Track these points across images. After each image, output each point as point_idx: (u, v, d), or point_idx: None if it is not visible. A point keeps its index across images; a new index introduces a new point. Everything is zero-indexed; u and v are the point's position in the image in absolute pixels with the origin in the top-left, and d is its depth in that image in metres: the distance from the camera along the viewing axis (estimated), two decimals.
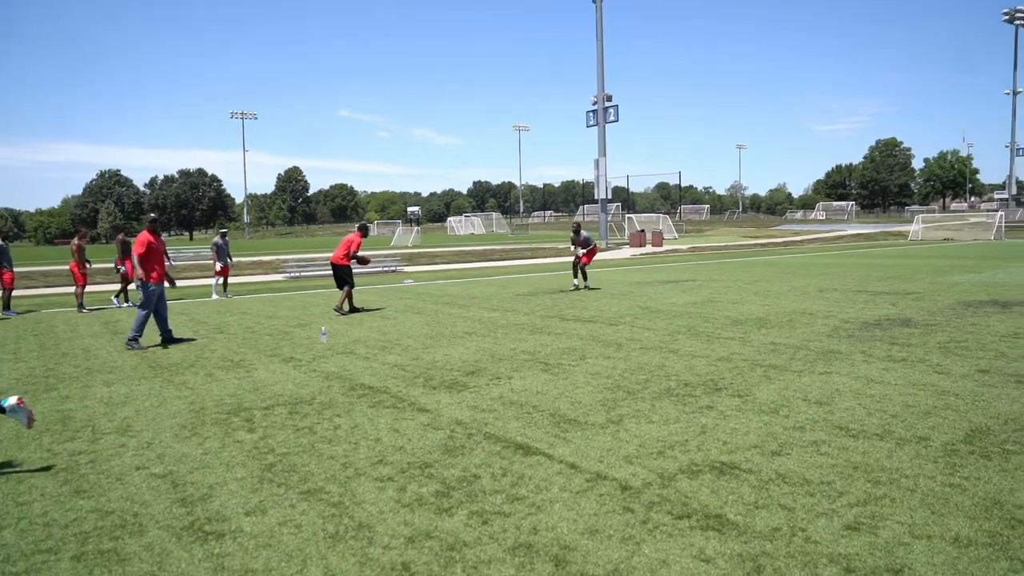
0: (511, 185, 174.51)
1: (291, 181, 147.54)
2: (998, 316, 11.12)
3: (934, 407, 6.04)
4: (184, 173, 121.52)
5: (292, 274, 25.20)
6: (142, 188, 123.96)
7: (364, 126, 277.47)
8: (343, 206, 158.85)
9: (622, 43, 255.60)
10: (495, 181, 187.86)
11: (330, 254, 15.33)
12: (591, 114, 46.62)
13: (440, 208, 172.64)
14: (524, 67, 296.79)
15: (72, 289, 16.42)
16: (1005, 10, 67.81)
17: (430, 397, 6.91)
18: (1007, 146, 73.32)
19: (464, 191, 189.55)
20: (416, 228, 73.64)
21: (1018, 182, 79.61)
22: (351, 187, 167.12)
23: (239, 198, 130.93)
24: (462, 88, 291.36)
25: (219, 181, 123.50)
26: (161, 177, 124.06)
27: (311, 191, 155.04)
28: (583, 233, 17.72)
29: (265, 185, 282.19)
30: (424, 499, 4.36)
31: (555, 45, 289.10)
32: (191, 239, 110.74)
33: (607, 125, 45.62)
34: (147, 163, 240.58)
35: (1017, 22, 67.34)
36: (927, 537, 3.67)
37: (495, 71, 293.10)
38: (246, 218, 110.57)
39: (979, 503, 4.07)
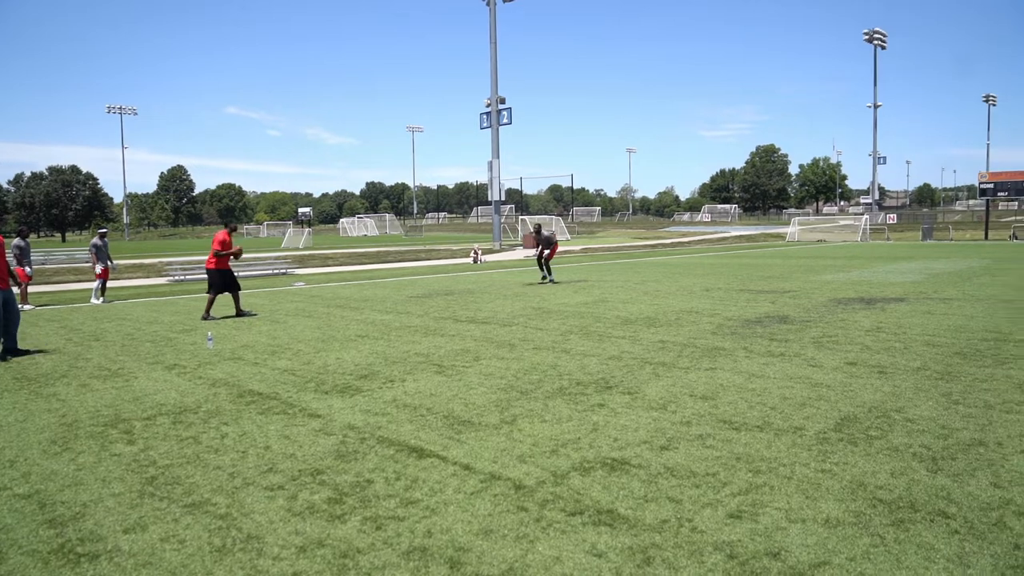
0: (405, 186, 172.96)
1: (175, 180, 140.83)
2: (864, 312, 11.90)
3: (808, 398, 6.41)
4: (55, 170, 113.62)
5: (176, 277, 24.08)
6: (5, 185, 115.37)
7: (253, 124, 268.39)
8: (231, 207, 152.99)
9: (516, 46, 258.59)
10: (389, 182, 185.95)
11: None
12: (485, 116, 46.84)
13: (332, 209, 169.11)
14: (418, 68, 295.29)
15: None
16: (865, 30, 72.73)
17: (322, 402, 6.76)
18: (870, 155, 78.62)
19: (357, 192, 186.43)
20: (307, 230, 71.78)
21: (880, 188, 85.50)
22: (239, 187, 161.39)
23: (118, 197, 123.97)
24: (356, 88, 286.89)
25: (95, 179, 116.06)
26: (28, 174, 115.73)
27: (197, 191, 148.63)
28: (544, 232, 19.63)
29: (147, 184, 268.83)
30: (316, 507, 4.26)
31: (449, 46, 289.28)
32: (63, 240, 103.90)
33: (500, 127, 45.97)
34: (10, 159, 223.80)
35: (876, 41, 72.28)
36: (802, 520, 3.89)
37: (389, 71, 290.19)
38: (126, 219, 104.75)
39: (847, 486, 4.35)
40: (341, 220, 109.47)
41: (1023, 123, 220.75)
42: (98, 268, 17.01)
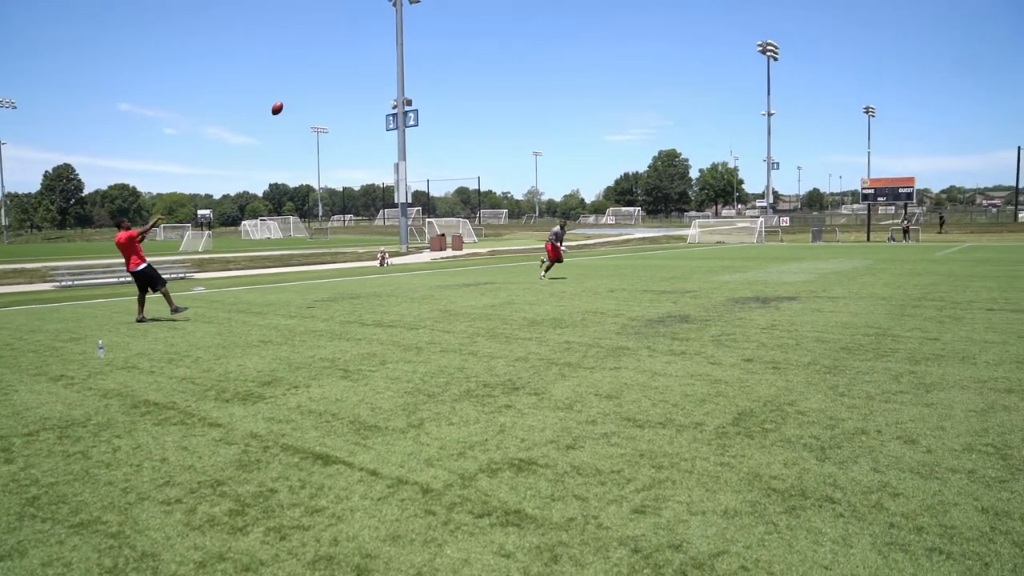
0: (310, 188, 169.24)
1: (61, 180, 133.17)
2: (759, 311, 12.44)
3: (708, 395, 6.64)
4: None
5: (64, 283, 22.75)
6: None
7: (148, 122, 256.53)
8: (124, 208, 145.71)
9: (423, 47, 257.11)
10: (293, 184, 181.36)
11: (114, 259, 14.17)
12: (391, 118, 46.38)
13: (234, 211, 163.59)
14: (322, 68, 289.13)
15: None
16: (759, 42, 76.19)
17: (222, 410, 6.54)
18: (765, 160, 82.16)
19: (260, 194, 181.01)
20: (207, 232, 69.19)
21: (774, 192, 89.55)
22: (134, 188, 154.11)
23: None
24: (258, 87, 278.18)
25: None
26: None
27: (86, 191, 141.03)
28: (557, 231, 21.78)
29: (29, 184, 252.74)
30: (216, 519, 4.12)
31: (355, 46, 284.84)
32: None
33: (407, 129, 45.60)
34: None
35: (768, 53, 75.76)
36: (702, 512, 4.03)
37: (291, 70, 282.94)
38: (4, 221, 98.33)
39: (743, 478, 4.54)
40: (243, 222, 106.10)
41: (901, 133, 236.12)
42: None
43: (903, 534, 3.72)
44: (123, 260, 13.33)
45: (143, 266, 13.01)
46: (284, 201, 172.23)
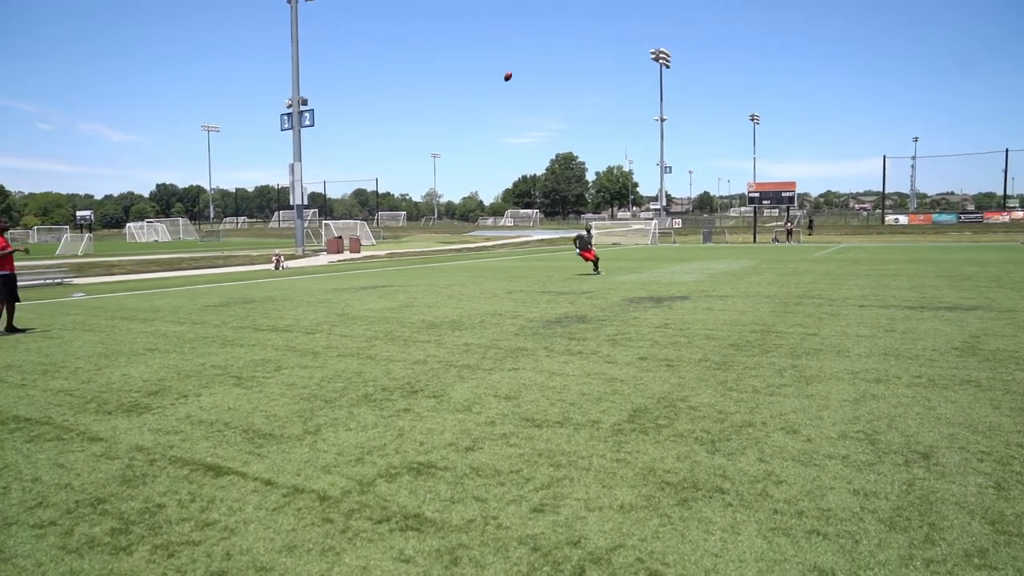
0: (200, 189, 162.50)
1: None
2: (653, 310, 12.83)
3: (604, 393, 6.80)
4: None
5: None
6: None
7: (18, 115, 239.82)
8: None
9: (320, 46, 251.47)
10: (182, 184, 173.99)
11: None
12: (286, 117, 45.17)
13: (118, 213, 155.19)
14: (214, 64, 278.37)
15: None
16: (652, 50, 78.58)
17: (104, 423, 6.19)
18: (658, 164, 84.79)
19: (147, 194, 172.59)
20: (88, 235, 65.34)
21: (667, 195, 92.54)
22: (1, 186, 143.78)
23: None
24: (144, 83, 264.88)
25: None
26: None
27: None
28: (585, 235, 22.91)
29: None
30: (97, 540, 3.90)
31: (249, 43, 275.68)
32: None
33: (303, 129, 44.54)
34: None
35: (661, 60, 78.28)
36: (599, 508, 4.12)
37: (182, 67, 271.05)
38: None
39: (639, 473, 4.67)
40: (128, 224, 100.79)
41: (784, 140, 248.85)
42: None
43: (785, 519, 3.92)
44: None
45: (8, 273, 11.91)
46: (173, 202, 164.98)
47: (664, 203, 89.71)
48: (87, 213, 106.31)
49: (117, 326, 12.54)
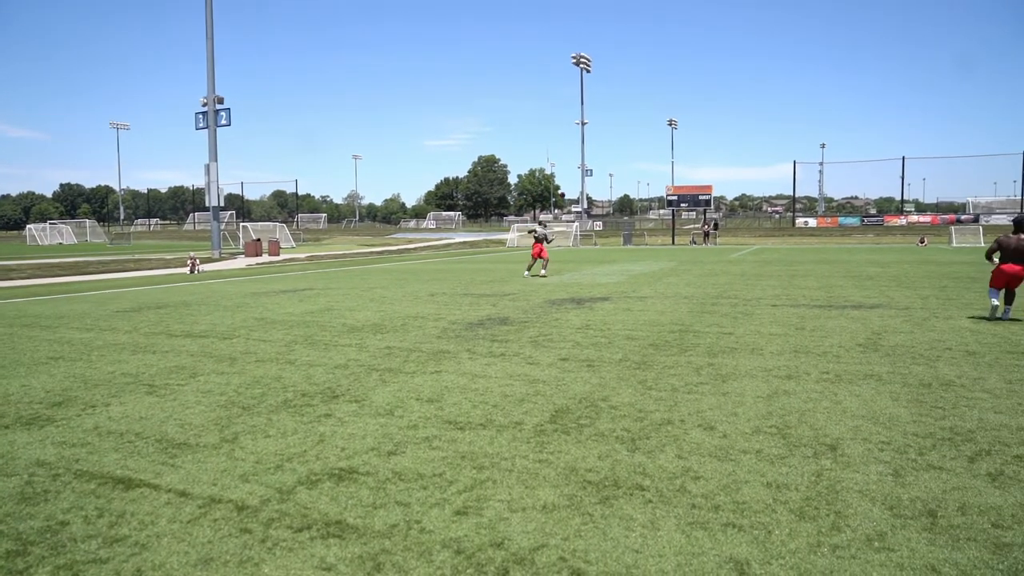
0: (109, 189, 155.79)
1: None
2: (575, 311, 12.99)
3: (527, 394, 6.84)
4: None
5: None
6: None
7: None
8: None
9: (236, 43, 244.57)
10: (89, 184, 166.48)
11: None
12: (201, 116, 43.75)
13: (17, 213, 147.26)
14: (123, 56, 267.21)
15: None
16: (573, 54, 79.52)
17: (1, 438, 5.86)
18: (579, 167, 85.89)
19: (49, 194, 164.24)
20: None
21: (589, 198, 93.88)
22: None
23: None
24: (46, 75, 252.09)
25: None
26: None
27: None
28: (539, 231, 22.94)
29: None
30: None
31: (161, 37, 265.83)
32: None
33: (219, 129, 43.24)
34: None
35: (582, 65, 79.35)
36: (523, 509, 4.15)
37: (87, 57, 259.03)
38: None
39: (561, 473, 4.73)
40: (28, 226, 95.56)
41: (698, 145, 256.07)
42: None
43: (703, 513, 4.04)
44: None
45: None
46: (79, 203, 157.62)
47: (585, 206, 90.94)
48: None
49: (16, 333, 11.89)
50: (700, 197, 55.43)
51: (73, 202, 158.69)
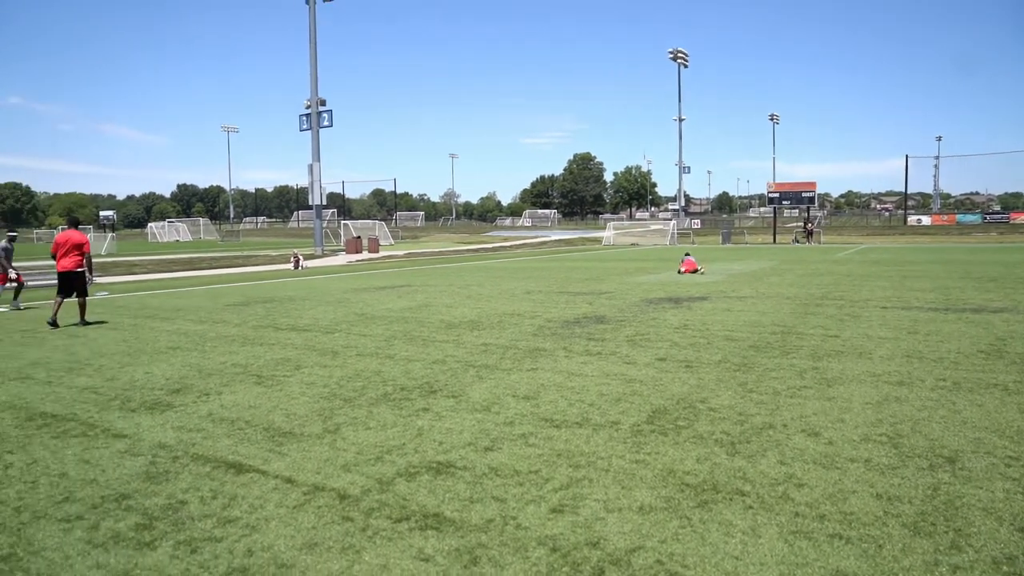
0: (220, 189, 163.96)
1: None
2: (672, 311, 12.77)
3: (623, 394, 6.78)
4: None
5: None
6: None
7: (40, 116, 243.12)
8: (17, 208, 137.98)
9: (338, 47, 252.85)
10: (203, 184, 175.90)
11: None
12: (304, 118, 45.44)
13: (140, 213, 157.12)
14: (233, 65, 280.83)
15: None
16: (669, 49, 77.98)
17: (128, 420, 6.26)
18: (677, 164, 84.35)
19: (168, 195, 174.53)
20: (111, 234, 66.19)
21: (686, 195, 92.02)
22: (27, 187, 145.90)
23: None
24: (164, 83, 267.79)
25: None
26: None
27: None
28: None
29: None
30: (122, 535, 3.94)
31: (267, 42, 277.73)
32: None
33: (321, 130, 44.79)
34: None
35: (679, 60, 77.72)
36: (619, 510, 4.11)
37: (202, 68, 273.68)
38: None
39: (658, 474, 4.65)
40: (150, 224, 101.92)
41: (801, 139, 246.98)
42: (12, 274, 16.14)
43: (807, 522, 3.89)
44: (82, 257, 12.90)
45: (79, 271, 12.87)
46: (193, 203, 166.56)
47: (683, 203, 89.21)
48: (110, 213, 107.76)
49: (140, 324, 12.68)
50: (803, 194, 53.52)
51: (188, 201, 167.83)
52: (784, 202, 55.86)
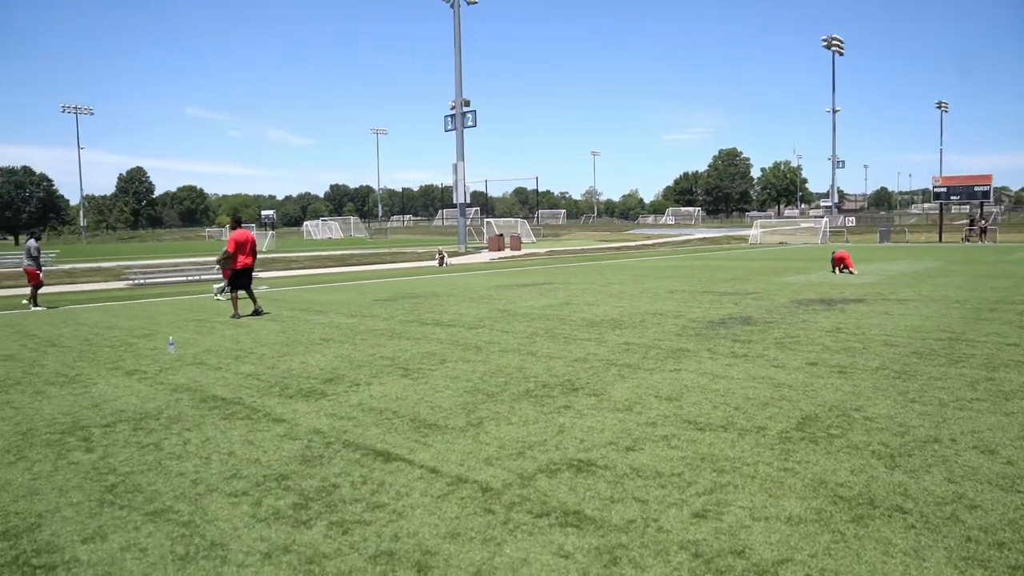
0: (369, 189, 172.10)
1: (134, 182, 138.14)
2: (824, 313, 12.12)
3: (771, 398, 6.50)
4: (6, 171, 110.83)
5: (136, 281, 23.62)
6: None
7: (213, 125, 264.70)
8: (192, 209, 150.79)
9: (481, 48, 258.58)
10: (353, 185, 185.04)
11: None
12: (449, 119, 46.79)
13: (296, 212, 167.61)
14: (381, 69, 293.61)
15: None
16: (823, 37, 73.84)
17: (286, 406, 6.69)
18: (830, 158, 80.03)
19: (321, 195, 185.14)
20: (271, 232, 71.04)
21: (839, 191, 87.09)
22: (201, 189, 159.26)
23: (74, 199, 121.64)
24: (318, 89, 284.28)
25: (49, 181, 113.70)
26: None
27: (157, 193, 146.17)
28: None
29: (104, 186, 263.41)
30: (281, 512, 4.22)
31: (413, 47, 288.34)
32: (16, 243, 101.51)
33: (465, 130, 45.95)
34: None
35: (833, 48, 73.44)
36: (765, 519, 3.95)
37: (351, 72, 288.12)
38: (82, 221, 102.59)
39: (808, 484, 4.43)
40: (305, 223, 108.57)
41: (975, 130, 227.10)
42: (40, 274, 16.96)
43: (982, 549, 3.57)
44: (226, 257, 14.11)
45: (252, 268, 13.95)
46: (344, 202, 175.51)
47: (836, 200, 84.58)
48: (270, 213, 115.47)
49: (296, 317, 13.51)
50: (976, 188, 49.26)
51: (340, 201, 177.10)
52: (952, 197, 51.64)
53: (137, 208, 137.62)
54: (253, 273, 14.05)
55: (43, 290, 17.71)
